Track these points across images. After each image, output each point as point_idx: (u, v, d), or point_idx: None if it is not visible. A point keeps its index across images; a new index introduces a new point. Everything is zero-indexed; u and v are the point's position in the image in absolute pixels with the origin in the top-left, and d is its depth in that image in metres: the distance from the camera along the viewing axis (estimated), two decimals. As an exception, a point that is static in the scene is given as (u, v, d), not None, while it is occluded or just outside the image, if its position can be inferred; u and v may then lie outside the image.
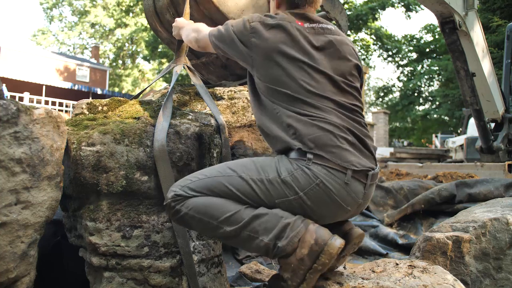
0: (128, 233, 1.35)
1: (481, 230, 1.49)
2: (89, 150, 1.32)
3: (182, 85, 2.07)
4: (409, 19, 18.07)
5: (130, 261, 1.35)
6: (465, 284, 1.45)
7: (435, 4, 4.10)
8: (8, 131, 1.10)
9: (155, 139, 1.39)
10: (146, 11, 2.28)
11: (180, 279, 1.41)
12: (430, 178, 4.73)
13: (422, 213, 3.44)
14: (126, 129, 1.39)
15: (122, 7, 27.68)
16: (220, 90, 1.96)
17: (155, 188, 1.40)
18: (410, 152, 11.51)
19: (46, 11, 32.05)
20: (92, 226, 1.34)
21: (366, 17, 16.99)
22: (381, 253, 3.07)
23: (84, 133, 1.37)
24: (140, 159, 1.37)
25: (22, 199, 1.14)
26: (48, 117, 1.21)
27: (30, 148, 1.14)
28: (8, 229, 1.11)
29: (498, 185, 3.25)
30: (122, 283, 1.35)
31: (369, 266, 1.37)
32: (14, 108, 1.12)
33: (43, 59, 22.14)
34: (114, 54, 31.92)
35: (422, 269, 1.28)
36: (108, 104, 1.64)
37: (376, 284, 1.17)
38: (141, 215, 1.38)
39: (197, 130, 1.48)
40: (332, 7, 2.75)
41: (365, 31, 19.30)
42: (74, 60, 23.91)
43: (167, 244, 1.40)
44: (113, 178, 1.33)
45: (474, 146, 6.30)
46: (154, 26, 2.32)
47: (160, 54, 19.39)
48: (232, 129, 1.79)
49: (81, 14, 30.49)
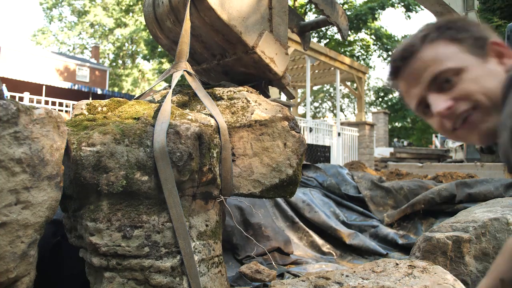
0: (128, 233, 1.35)
1: (481, 230, 1.49)
2: (89, 150, 1.32)
3: (182, 85, 2.08)
4: (409, 19, 18.08)
5: (131, 261, 1.35)
6: (465, 284, 1.45)
7: (434, 5, 4.11)
8: (8, 131, 1.10)
9: (155, 139, 1.39)
10: (146, 18, 2.27)
11: (181, 279, 1.41)
12: (430, 178, 4.73)
13: (422, 213, 3.45)
14: (126, 129, 1.39)
15: (122, 6, 27.67)
16: (219, 90, 1.96)
17: (156, 188, 1.40)
18: (410, 152, 11.53)
19: (46, 11, 32.04)
20: (93, 226, 1.34)
21: (366, 17, 16.98)
22: (381, 253, 3.07)
23: (84, 134, 1.37)
24: (140, 159, 1.37)
25: (22, 199, 1.14)
26: (48, 117, 1.21)
27: (30, 148, 1.14)
28: (8, 229, 1.11)
29: (498, 185, 3.25)
30: (122, 283, 1.35)
31: (369, 266, 1.37)
32: (14, 108, 1.12)
33: (43, 59, 22.13)
34: (114, 54, 31.91)
35: (422, 269, 1.28)
36: (108, 105, 1.64)
37: (376, 284, 1.17)
38: (142, 215, 1.38)
39: (197, 130, 1.49)
40: (332, 11, 2.76)
41: (365, 31, 19.30)
42: (74, 60, 23.90)
43: (167, 244, 1.40)
44: (113, 178, 1.33)
45: (474, 146, 6.31)
46: (154, 33, 2.32)
47: (160, 53, 19.40)
48: (232, 129, 1.79)
49: (80, 14, 30.48)
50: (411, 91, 0.72)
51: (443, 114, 0.66)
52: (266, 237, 2.91)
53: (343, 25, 2.89)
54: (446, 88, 0.66)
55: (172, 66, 1.88)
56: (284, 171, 1.75)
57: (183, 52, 1.85)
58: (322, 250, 3.26)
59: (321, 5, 2.71)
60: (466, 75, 0.65)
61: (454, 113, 0.66)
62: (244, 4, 1.96)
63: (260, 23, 2.04)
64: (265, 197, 1.79)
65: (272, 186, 1.75)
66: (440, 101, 0.66)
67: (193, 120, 1.56)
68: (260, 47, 2.00)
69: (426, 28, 0.72)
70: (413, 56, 0.70)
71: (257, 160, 1.74)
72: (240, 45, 2.00)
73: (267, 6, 2.08)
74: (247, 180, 1.72)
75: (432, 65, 0.67)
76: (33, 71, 20.15)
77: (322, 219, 3.42)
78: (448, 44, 0.67)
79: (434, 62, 0.67)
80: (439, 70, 0.66)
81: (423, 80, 0.68)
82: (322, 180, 4.28)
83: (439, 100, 0.66)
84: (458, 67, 0.66)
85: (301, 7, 17.08)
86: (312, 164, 4.64)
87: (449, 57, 0.66)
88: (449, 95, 0.66)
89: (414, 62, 0.70)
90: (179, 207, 1.41)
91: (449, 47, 0.67)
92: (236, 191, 1.70)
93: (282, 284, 1.70)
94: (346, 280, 1.23)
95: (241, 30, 1.94)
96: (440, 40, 0.68)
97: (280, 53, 2.12)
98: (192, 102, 1.92)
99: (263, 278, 2.20)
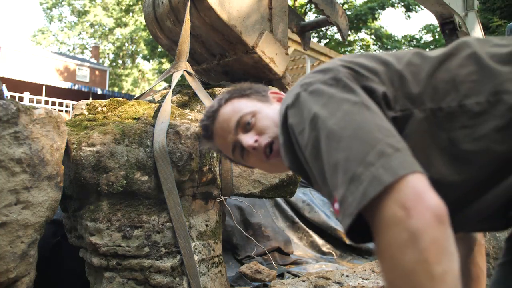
0: (128, 233, 1.35)
1: (481, 230, 1.49)
2: (89, 151, 1.32)
3: (182, 85, 2.08)
4: (409, 19, 18.09)
5: (131, 261, 1.35)
6: (465, 284, 1.45)
7: (435, 5, 4.11)
8: (8, 131, 1.10)
9: (155, 139, 1.39)
10: (146, 18, 2.27)
11: (180, 279, 1.41)
12: (430, 178, 4.73)
13: (422, 213, 3.45)
14: (126, 129, 1.39)
15: (122, 6, 27.68)
16: (219, 90, 1.96)
17: (155, 188, 1.40)
18: (410, 152, 11.53)
19: (46, 11, 32.05)
20: (93, 227, 1.34)
21: (366, 17, 16.98)
22: (381, 253, 3.06)
23: (84, 134, 1.37)
24: (140, 159, 1.37)
25: (22, 199, 1.14)
26: (48, 117, 1.21)
27: (30, 148, 1.14)
28: (8, 229, 1.11)
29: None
30: (122, 283, 1.35)
31: (369, 266, 1.37)
32: (14, 108, 1.12)
33: (43, 59, 22.14)
34: (114, 54, 31.93)
35: (422, 269, 1.28)
36: (108, 105, 1.64)
37: (376, 284, 1.17)
38: (142, 215, 1.38)
39: (197, 130, 1.49)
40: (332, 11, 2.76)
41: (365, 31, 19.30)
42: (74, 60, 23.90)
43: (167, 244, 1.40)
44: (113, 178, 1.33)
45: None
46: (154, 33, 2.32)
47: (160, 53, 19.40)
48: (232, 129, 1.79)
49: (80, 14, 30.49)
50: (225, 142, 0.89)
51: (253, 147, 0.82)
52: (266, 237, 2.91)
53: (343, 25, 2.89)
54: (249, 129, 0.84)
55: (172, 66, 1.88)
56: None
57: (183, 52, 1.85)
58: (322, 250, 3.26)
59: (321, 5, 2.71)
60: (259, 115, 0.84)
61: (261, 145, 0.81)
62: (244, 4, 1.96)
63: (260, 23, 2.04)
64: (265, 197, 1.79)
65: (272, 186, 1.75)
66: (247, 137, 0.83)
67: (193, 120, 1.56)
68: (260, 47, 2.00)
69: (220, 95, 0.93)
70: (217, 114, 0.89)
71: (257, 160, 1.74)
72: (240, 45, 2.00)
73: (267, 6, 2.08)
74: (247, 180, 1.72)
75: (233, 114, 0.86)
76: (33, 71, 20.15)
77: (322, 219, 3.43)
78: (240, 99, 0.88)
79: (234, 112, 0.86)
80: (239, 116, 0.84)
81: (230, 128, 0.86)
82: (322, 180, 4.27)
83: (247, 137, 0.83)
84: (252, 111, 0.85)
85: (301, 7, 17.08)
86: (312, 164, 4.64)
87: (243, 107, 0.86)
88: (253, 132, 0.84)
89: (219, 118, 0.88)
90: (179, 207, 1.41)
91: (241, 101, 0.88)
92: (236, 191, 1.70)
93: (282, 284, 1.70)
94: (346, 280, 1.23)
95: (241, 30, 1.94)
96: (233, 99, 0.89)
97: (280, 53, 2.12)
98: (192, 102, 1.92)
99: (263, 278, 2.20)
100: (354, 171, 0.51)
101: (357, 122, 0.56)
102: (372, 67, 0.67)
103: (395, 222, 0.46)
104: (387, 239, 0.47)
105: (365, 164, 0.50)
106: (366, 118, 0.56)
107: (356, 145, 0.53)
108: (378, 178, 0.48)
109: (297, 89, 0.67)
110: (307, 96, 0.64)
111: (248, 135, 0.84)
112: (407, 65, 0.67)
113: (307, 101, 0.63)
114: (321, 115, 0.59)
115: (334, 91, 0.63)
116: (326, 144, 0.56)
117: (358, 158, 0.51)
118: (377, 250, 0.49)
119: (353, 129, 0.55)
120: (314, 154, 0.59)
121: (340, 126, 0.56)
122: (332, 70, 0.67)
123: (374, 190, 0.48)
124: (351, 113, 0.57)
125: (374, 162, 0.50)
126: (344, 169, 0.52)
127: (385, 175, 0.48)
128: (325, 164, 0.56)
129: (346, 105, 0.59)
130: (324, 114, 0.59)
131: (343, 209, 0.51)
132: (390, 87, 0.66)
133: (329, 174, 0.55)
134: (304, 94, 0.65)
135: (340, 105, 0.59)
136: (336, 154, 0.54)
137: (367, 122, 0.56)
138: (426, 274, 0.43)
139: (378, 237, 0.48)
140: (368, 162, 0.50)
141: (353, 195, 0.49)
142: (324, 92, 0.63)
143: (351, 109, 0.58)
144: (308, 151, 0.60)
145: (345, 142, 0.54)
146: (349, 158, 0.52)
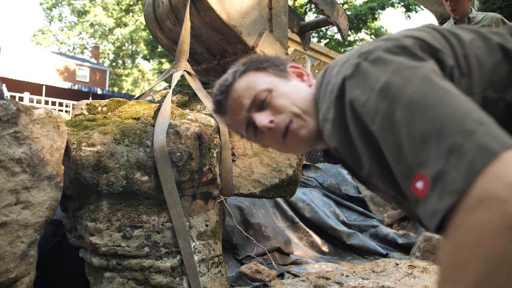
0: (128, 233, 1.35)
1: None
2: (89, 151, 1.32)
3: (182, 85, 2.08)
4: (409, 19, 18.09)
5: (131, 261, 1.35)
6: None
7: (434, 5, 4.11)
8: (8, 131, 1.10)
9: (155, 139, 1.39)
10: (146, 18, 2.28)
11: (180, 279, 1.41)
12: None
13: (422, 213, 3.44)
14: (126, 129, 1.39)
15: (122, 6, 27.68)
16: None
17: (155, 188, 1.40)
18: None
19: (46, 11, 32.05)
20: (93, 227, 1.34)
21: (366, 17, 16.98)
22: (381, 253, 3.07)
23: (84, 134, 1.37)
24: (140, 159, 1.37)
25: (22, 199, 1.14)
26: (48, 117, 1.21)
27: (30, 148, 1.14)
28: (8, 229, 1.11)
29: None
30: (122, 283, 1.35)
31: (369, 266, 1.37)
32: (14, 108, 1.12)
33: (43, 59, 22.15)
34: (114, 54, 31.93)
35: (422, 269, 1.28)
36: (108, 105, 1.64)
37: (376, 284, 1.17)
38: (142, 215, 1.38)
39: (197, 130, 1.49)
40: (332, 11, 2.76)
41: (365, 31, 19.30)
42: (74, 60, 23.91)
43: (167, 244, 1.40)
44: (113, 178, 1.33)
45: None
46: (154, 33, 2.32)
47: (160, 53, 19.41)
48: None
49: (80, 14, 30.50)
50: (238, 119, 0.83)
51: (268, 127, 0.77)
52: (266, 237, 2.91)
53: (343, 25, 2.89)
54: (265, 107, 0.79)
55: (172, 66, 1.88)
56: (284, 171, 1.75)
57: (183, 52, 1.85)
58: (322, 250, 3.26)
59: (321, 5, 2.71)
60: (276, 92, 0.78)
61: (278, 125, 0.77)
62: (244, 4, 1.96)
63: (260, 23, 2.04)
64: (265, 197, 1.79)
65: (272, 186, 1.75)
66: (262, 117, 0.78)
67: (193, 120, 1.56)
68: (260, 47, 2.00)
69: (235, 66, 0.86)
70: (231, 89, 0.82)
71: (257, 160, 1.74)
72: (240, 45, 2.00)
73: (267, 6, 2.08)
74: (247, 180, 1.72)
75: (248, 91, 0.80)
76: (33, 71, 20.16)
77: (322, 219, 3.43)
78: (255, 73, 0.82)
79: (248, 88, 0.80)
80: (254, 93, 0.79)
81: (244, 106, 0.80)
82: (322, 180, 4.28)
83: (262, 116, 0.78)
84: (268, 88, 0.79)
85: (301, 7, 17.08)
86: (312, 164, 4.64)
87: (259, 82, 0.80)
88: (268, 111, 0.78)
89: (233, 94, 0.82)
90: (179, 207, 1.41)
91: (257, 75, 0.81)
92: (236, 191, 1.70)
93: (282, 284, 1.70)
94: (346, 280, 1.23)
95: (241, 30, 1.94)
96: (249, 72, 0.82)
97: (280, 53, 2.12)
98: (192, 102, 1.92)
99: (263, 278, 2.20)
100: (453, 141, 0.43)
101: (441, 90, 0.49)
102: (437, 39, 0.62)
103: (493, 204, 0.38)
104: (475, 221, 0.38)
105: (465, 133, 0.43)
106: (448, 86, 0.50)
107: (447, 114, 0.46)
108: (485, 147, 0.41)
109: (354, 60, 0.60)
110: (370, 65, 0.57)
111: (263, 114, 0.78)
112: (471, 46, 0.62)
113: (372, 70, 0.56)
114: (395, 83, 0.52)
115: (401, 59, 0.56)
116: (406, 115, 0.49)
117: (454, 127, 0.44)
118: (450, 232, 0.41)
119: (439, 97, 0.48)
120: (386, 127, 0.51)
121: (422, 95, 0.49)
122: (394, 38, 0.61)
123: (482, 161, 0.40)
124: (430, 80, 0.51)
125: (475, 130, 0.43)
126: (437, 141, 0.45)
127: (493, 143, 0.41)
128: (405, 137, 0.48)
129: (422, 71, 0.52)
130: (398, 81, 0.52)
131: (442, 186, 0.43)
132: (455, 64, 0.60)
133: (412, 148, 0.47)
134: (366, 64, 0.58)
135: (415, 71, 0.53)
136: (422, 125, 0.47)
137: (451, 90, 0.49)
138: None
139: (460, 216, 0.40)
140: (467, 131, 0.43)
141: (457, 169, 0.42)
142: (391, 60, 0.56)
143: (430, 76, 0.52)
144: (377, 124, 0.53)
145: (432, 111, 0.47)
146: (442, 129, 0.45)
